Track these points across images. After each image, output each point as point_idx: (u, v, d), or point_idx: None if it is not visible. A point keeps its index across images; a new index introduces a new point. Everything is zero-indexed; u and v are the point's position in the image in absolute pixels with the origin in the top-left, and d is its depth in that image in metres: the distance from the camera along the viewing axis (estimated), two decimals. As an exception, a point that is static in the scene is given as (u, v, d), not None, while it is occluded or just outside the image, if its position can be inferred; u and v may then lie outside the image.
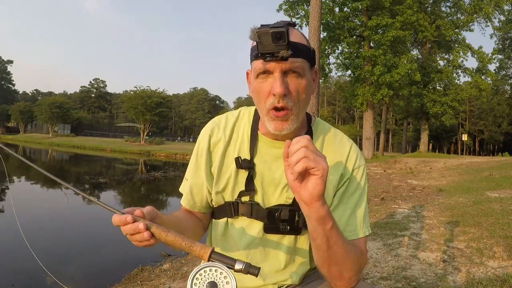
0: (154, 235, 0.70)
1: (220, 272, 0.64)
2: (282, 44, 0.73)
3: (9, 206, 6.88)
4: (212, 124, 0.99)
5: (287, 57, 0.75)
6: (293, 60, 0.77)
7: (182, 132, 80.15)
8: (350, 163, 0.93)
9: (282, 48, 0.73)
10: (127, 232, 0.70)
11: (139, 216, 0.71)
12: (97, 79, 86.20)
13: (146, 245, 0.72)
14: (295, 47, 0.76)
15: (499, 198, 5.08)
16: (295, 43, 0.77)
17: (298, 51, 0.78)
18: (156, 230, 0.70)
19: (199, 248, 0.67)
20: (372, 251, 3.10)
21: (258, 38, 0.73)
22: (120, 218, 0.70)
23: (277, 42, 0.72)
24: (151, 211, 0.75)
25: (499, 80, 42.03)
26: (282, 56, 0.74)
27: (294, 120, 0.82)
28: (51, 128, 45.32)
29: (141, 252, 4.23)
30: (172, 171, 15.48)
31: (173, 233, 0.70)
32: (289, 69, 0.78)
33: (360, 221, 0.90)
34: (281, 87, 0.77)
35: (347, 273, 0.82)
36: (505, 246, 2.88)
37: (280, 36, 0.72)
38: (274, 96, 0.79)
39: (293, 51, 0.75)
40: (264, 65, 0.78)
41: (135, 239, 0.71)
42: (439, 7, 25.06)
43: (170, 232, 0.70)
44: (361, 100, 20.40)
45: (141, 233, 0.69)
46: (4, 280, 3.35)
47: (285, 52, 0.74)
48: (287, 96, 0.79)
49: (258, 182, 0.93)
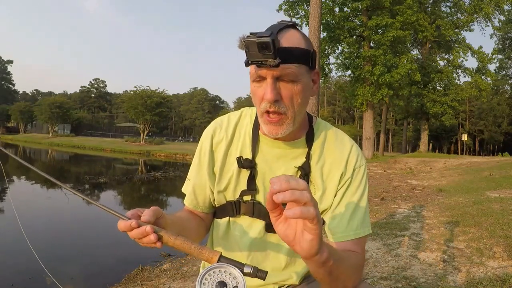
0: (161, 239, 0.70)
1: (230, 273, 0.65)
2: (268, 54, 0.73)
3: (8, 206, 6.88)
4: (215, 124, 1.00)
5: (276, 65, 0.74)
6: (284, 67, 0.76)
7: (182, 132, 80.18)
8: (351, 163, 0.94)
9: (269, 57, 0.73)
10: (134, 236, 0.70)
11: (145, 220, 0.71)
12: (97, 79, 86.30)
13: (154, 247, 0.72)
14: (286, 53, 0.75)
15: (499, 198, 5.08)
16: (286, 48, 0.76)
17: (291, 57, 0.77)
18: (164, 235, 0.70)
19: (207, 253, 0.68)
20: (372, 251, 3.10)
21: (245, 47, 0.74)
22: (125, 224, 0.70)
23: (263, 51, 0.72)
24: (156, 211, 0.75)
25: (499, 80, 42.03)
26: (269, 65, 0.74)
27: (290, 124, 0.83)
28: (51, 128, 45.31)
29: (141, 252, 4.23)
30: (172, 171, 15.49)
31: (181, 237, 0.71)
32: (281, 75, 0.78)
33: (360, 221, 0.91)
34: (271, 94, 0.78)
35: (350, 283, 0.82)
36: (505, 246, 2.88)
37: (266, 46, 0.72)
38: (267, 101, 0.80)
39: (283, 57, 0.74)
40: (257, 71, 0.79)
41: (143, 242, 0.71)
42: (439, 7, 25.04)
43: (178, 237, 0.71)
44: (361, 100, 20.38)
45: (148, 236, 0.69)
46: (4, 280, 3.35)
47: (272, 61, 0.74)
48: (279, 102, 0.80)
49: (260, 181, 0.93)
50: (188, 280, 2.90)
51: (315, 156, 0.93)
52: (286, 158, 0.93)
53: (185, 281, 2.89)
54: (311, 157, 0.93)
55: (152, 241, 0.69)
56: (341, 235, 0.90)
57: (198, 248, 0.69)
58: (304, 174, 0.91)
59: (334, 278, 0.75)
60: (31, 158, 21.20)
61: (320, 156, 0.94)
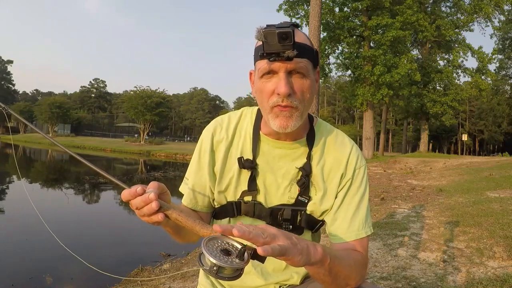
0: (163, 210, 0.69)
1: (233, 245, 0.64)
2: (288, 44, 0.73)
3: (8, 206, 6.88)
4: (215, 123, 1.00)
5: (293, 57, 0.75)
6: (298, 61, 0.77)
7: (182, 132, 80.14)
8: (351, 163, 0.94)
9: (288, 48, 0.74)
10: (137, 205, 0.69)
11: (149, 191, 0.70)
12: (97, 79, 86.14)
13: (155, 222, 0.71)
14: (300, 47, 0.76)
15: (499, 198, 5.08)
16: (300, 43, 0.77)
17: (303, 52, 0.78)
18: (167, 208, 0.69)
19: (211, 230, 0.67)
20: (372, 251, 3.10)
21: (264, 38, 0.74)
22: (130, 191, 0.69)
23: (283, 42, 0.73)
24: (160, 185, 0.74)
25: (499, 80, 41.99)
26: (287, 56, 0.75)
27: (299, 118, 0.83)
28: (51, 128, 45.29)
29: (141, 252, 4.23)
30: (172, 171, 15.49)
31: (184, 214, 0.70)
32: (294, 69, 0.79)
33: (362, 221, 0.91)
34: (286, 87, 0.78)
35: (353, 281, 0.82)
36: (505, 246, 2.88)
37: (286, 36, 0.72)
38: (279, 96, 0.79)
39: (298, 51, 0.75)
40: (269, 65, 0.78)
41: (144, 213, 0.69)
42: (439, 7, 25.03)
43: (182, 212, 0.70)
44: (361, 100, 20.38)
45: (150, 203, 0.68)
46: (4, 280, 3.35)
47: (290, 52, 0.74)
48: (292, 96, 0.80)
49: (261, 182, 0.93)
50: (188, 280, 2.90)
51: (316, 157, 0.93)
52: (287, 158, 0.93)
53: (185, 281, 2.89)
54: (312, 158, 0.93)
55: (153, 209, 0.68)
56: (342, 236, 0.90)
57: (202, 225, 0.69)
58: (305, 175, 0.91)
59: (334, 276, 0.75)
60: (31, 158, 21.19)
61: (320, 156, 0.94)
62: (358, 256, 0.87)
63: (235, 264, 0.60)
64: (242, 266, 0.61)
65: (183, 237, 0.92)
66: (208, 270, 0.59)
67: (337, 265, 0.74)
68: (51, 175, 13.47)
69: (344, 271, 0.77)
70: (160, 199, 0.71)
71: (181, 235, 0.91)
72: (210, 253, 0.59)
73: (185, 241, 0.94)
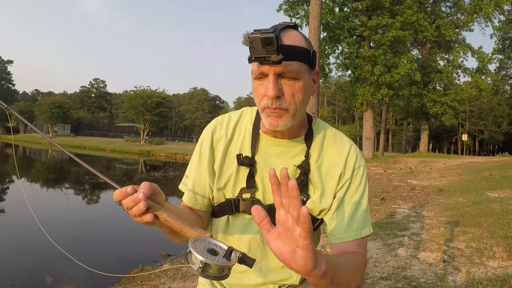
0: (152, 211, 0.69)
1: (220, 247, 0.65)
2: (271, 49, 0.75)
3: (7, 206, 6.88)
4: (215, 122, 1.01)
5: (279, 61, 0.76)
6: (287, 64, 0.78)
7: (182, 132, 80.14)
8: (350, 163, 0.94)
9: (272, 53, 0.75)
10: (127, 205, 0.70)
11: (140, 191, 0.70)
12: (97, 79, 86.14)
13: (145, 222, 0.71)
14: (288, 50, 0.77)
15: (499, 198, 5.08)
16: (289, 46, 0.78)
17: (293, 54, 0.79)
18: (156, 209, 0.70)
19: (199, 232, 0.68)
20: (372, 251, 3.10)
21: (250, 43, 0.76)
22: (121, 191, 0.70)
23: (267, 47, 0.74)
24: (153, 185, 0.74)
25: (499, 80, 42.00)
26: (272, 60, 0.76)
27: (289, 118, 0.84)
28: (51, 128, 45.28)
29: (141, 252, 4.23)
30: (172, 171, 15.49)
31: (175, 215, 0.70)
32: (283, 72, 0.80)
33: (361, 221, 0.91)
34: (273, 90, 0.80)
35: (353, 284, 0.82)
36: (505, 246, 2.88)
37: (270, 41, 0.74)
38: (268, 98, 0.81)
39: (285, 54, 0.76)
40: (259, 68, 0.81)
41: (134, 213, 0.70)
42: (439, 7, 25.04)
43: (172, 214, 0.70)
44: (361, 100, 20.38)
45: (138, 203, 0.68)
46: (4, 280, 3.35)
47: (275, 56, 0.75)
48: (281, 98, 0.82)
49: (259, 179, 0.94)
50: (188, 280, 2.90)
51: (314, 155, 0.94)
52: (286, 156, 0.93)
53: (185, 281, 2.89)
54: (310, 156, 0.93)
55: (142, 209, 0.68)
56: (341, 236, 0.90)
57: (190, 227, 0.69)
58: (303, 173, 0.91)
59: (336, 285, 0.74)
60: (32, 158, 21.20)
61: (319, 155, 0.94)
62: (358, 260, 0.87)
63: (222, 262, 0.61)
64: (229, 265, 0.62)
65: (180, 237, 0.91)
66: (194, 268, 0.60)
67: (339, 274, 0.73)
68: (51, 175, 13.48)
69: (346, 278, 0.77)
70: (152, 200, 0.72)
71: (177, 236, 0.90)
72: (197, 251, 0.60)
73: (182, 241, 0.94)
